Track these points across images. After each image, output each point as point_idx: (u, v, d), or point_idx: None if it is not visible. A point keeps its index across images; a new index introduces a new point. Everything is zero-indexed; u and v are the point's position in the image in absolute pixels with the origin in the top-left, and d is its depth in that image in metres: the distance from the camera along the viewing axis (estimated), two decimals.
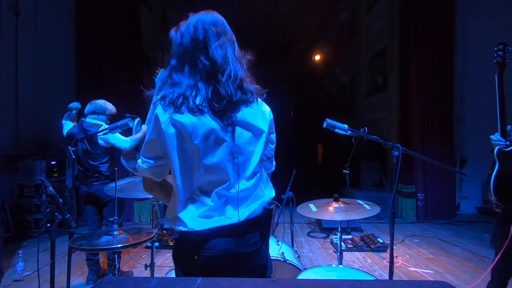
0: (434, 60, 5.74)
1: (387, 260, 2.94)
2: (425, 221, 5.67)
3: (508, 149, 2.07)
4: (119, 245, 1.77)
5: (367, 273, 2.34)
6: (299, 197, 2.99)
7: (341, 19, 9.99)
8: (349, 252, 4.05)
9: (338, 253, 2.48)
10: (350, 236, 4.51)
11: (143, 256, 3.95)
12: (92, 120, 3.07)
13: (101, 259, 3.31)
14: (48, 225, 1.53)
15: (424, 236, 4.84)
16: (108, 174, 3.09)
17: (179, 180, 1.19)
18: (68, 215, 1.51)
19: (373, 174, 6.61)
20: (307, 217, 4.37)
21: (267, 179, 1.34)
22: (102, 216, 3.15)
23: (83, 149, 3.04)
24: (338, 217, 2.26)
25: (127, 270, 3.49)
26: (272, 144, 1.35)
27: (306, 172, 7.48)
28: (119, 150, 2.90)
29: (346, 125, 1.93)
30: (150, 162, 1.23)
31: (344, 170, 3.95)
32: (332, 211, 2.29)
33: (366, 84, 8.92)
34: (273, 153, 1.38)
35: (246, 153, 1.22)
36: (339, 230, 2.44)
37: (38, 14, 5.20)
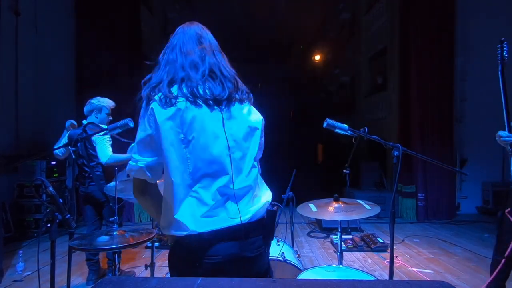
0: (434, 60, 5.74)
1: (387, 260, 2.94)
2: (425, 221, 5.67)
3: None
4: (119, 245, 1.77)
5: (367, 273, 2.34)
6: (299, 197, 2.99)
7: (341, 19, 9.97)
8: (349, 252, 4.06)
9: (338, 253, 2.48)
10: (350, 236, 4.52)
11: (143, 256, 3.96)
12: (91, 120, 3.07)
13: (101, 259, 3.32)
14: (48, 225, 1.53)
15: (424, 236, 4.84)
16: (104, 175, 3.08)
17: (176, 176, 1.12)
18: (68, 215, 1.51)
19: (373, 174, 6.61)
20: (307, 217, 4.37)
21: (261, 180, 1.33)
22: (101, 216, 3.15)
23: (81, 149, 3.04)
24: (338, 217, 2.26)
25: (128, 270, 3.49)
26: (261, 150, 1.34)
27: (306, 172, 7.47)
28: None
29: (346, 125, 1.93)
30: (148, 160, 1.17)
31: (344, 170, 3.95)
32: (332, 211, 2.29)
33: (366, 84, 8.92)
34: (260, 157, 1.39)
35: (243, 149, 1.22)
36: (339, 230, 2.44)
37: (38, 14, 5.20)
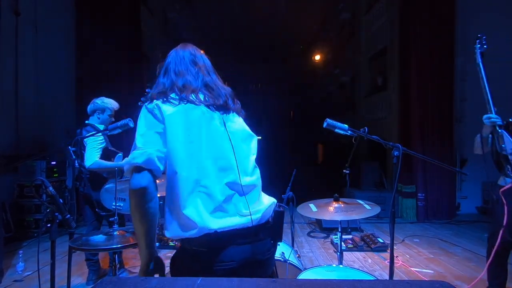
0: (434, 60, 5.73)
1: (387, 260, 2.94)
2: (425, 221, 5.67)
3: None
4: (119, 245, 1.77)
5: (367, 273, 2.34)
6: (299, 197, 2.99)
7: (341, 19, 9.98)
8: (349, 252, 4.05)
9: (338, 253, 2.48)
10: (350, 236, 4.51)
11: None
12: (93, 120, 3.08)
13: (102, 259, 3.31)
14: (49, 225, 1.53)
15: (424, 236, 4.84)
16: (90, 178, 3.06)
17: (182, 170, 1.11)
18: (68, 215, 1.50)
19: (373, 174, 6.61)
20: (307, 217, 4.37)
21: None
22: (100, 217, 3.15)
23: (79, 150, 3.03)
24: (338, 217, 2.26)
25: (135, 270, 3.47)
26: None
27: (306, 172, 7.48)
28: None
29: (346, 125, 1.93)
30: (152, 152, 1.11)
31: (344, 170, 3.94)
32: (332, 211, 2.29)
33: (366, 84, 8.92)
34: None
35: (243, 150, 1.28)
36: (339, 230, 2.43)
37: (38, 14, 5.20)
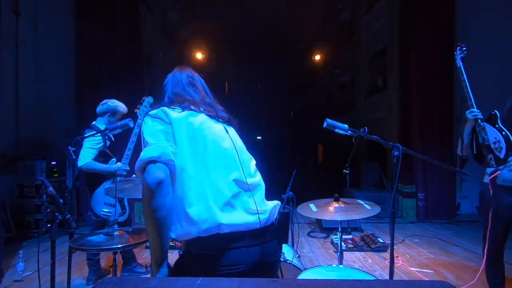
0: (434, 60, 5.73)
1: (388, 260, 2.94)
2: (425, 221, 5.67)
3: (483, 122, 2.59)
4: (119, 245, 1.77)
5: (367, 273, 2.34)
6: (299, 197, 2.99)
7: (341, 19, 9.96)
8: (350, 252, 4.05)
9: (339, 253, 2.48)
10: (350, 236, 4.51)
11: (143, 256, 3.95)
12: (103, 121, 3.07)
13: (106, 259, 3.31)
14: (49, 225, 1.53)
15: (425, 236, 4.84)
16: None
17: (190, 166, 1.17)
18: (69, 215, 1.51)
19: (373, 174, 6.61)
20: (308, 217, 4.36)
21: None
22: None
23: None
24: (339, 217, 2.26)
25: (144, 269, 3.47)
26: None
27: (306, 172, 7.47)
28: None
29: (346, 125, 1.93)
30: (166, 146, 1.13)
31: (344, 170, 3.95)
32: (333, 211, 2.29)
33: (366, 84, 8.92)
34: None
35: (245, 155, 1.35)
36: (340, 230, 2.43)
37: (38, 14, 5.20)
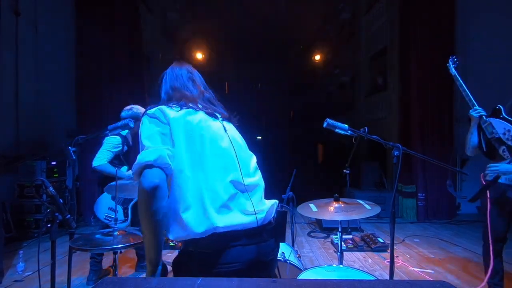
0: (434, 60, 5.72)
1: (388, 259, 2.94)
2: (425, 221, 5.67)
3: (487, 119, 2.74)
4: (119, 245, 1.77)
5: (367, 273, 2.34)
6: (299, 197, 2.99)
7: (341, 19, 9.97)
8: (350, 252, 4.05)
9: (339, 253, 2.48)
10: (350, 236, 4.51)
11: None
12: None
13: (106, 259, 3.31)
14: (49, 225, 1.53)
15: (425, 236, 4.84)
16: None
17: (187, 168, 1.14)
18: (69, 216, 1.50)
19: (373, 174, 6.61)
20: (308, 217, 4.37)
21: None
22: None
23: None
24: (339, 217, 2.26)
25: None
26: None
27: (306, 172, 7.48)
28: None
29: (346, 125, 1.93)
30: (163, 149, 1.10)
31: (345, 170, 3.95)
32: (333, 211, 2.29)
33: (366, 84, 8.92)
34: None
35: (244, 152, 1.32)
36: (340, 230, 2.43)
37: (38, 14, 5.20)
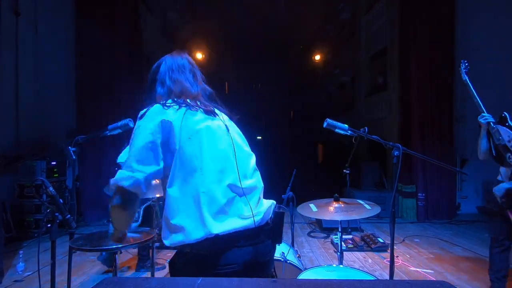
0: (434, 60, 5.73)
1: (388, 259, 2.94)
2: (425, 221, 5.67)
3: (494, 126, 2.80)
4: (119, 245, 1.77)
5: (367, 273, 2.34)
6: (299, 197, 2.99)
7: (341, 19, 9.97)
8: (350, 252, 4.05)
9: (339, 253, 2.48)
10: (350, 236, 4.51)
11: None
12: None
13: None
14: (49, 225, 1.53)
15: (425, 236, 4.84)
16: None
17: (187, 174, 1.13)
18: (69, 216, 1.50)
19: (373, 174, 6.61)
20: (308, 217, 4.37)
21: None
22: None
23: None
24: (339, 217, 2.26)
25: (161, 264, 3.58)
26: None
27: (306, 172, 7.48)
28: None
29: (346, 125, 1.93)
30: (148, 170, 1.13)
31: (345, 170, 3.96)
32: (333, 211, 2.29)
33: (366, 84, 8.92)
34: None
35: (244, 152, 1.29)
36: (340, 230, 2.43)
37: (38, 14, 5.20)
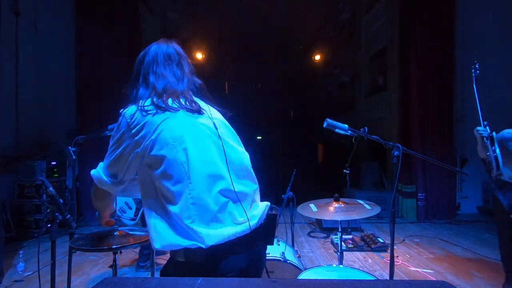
0: (434, 60, 5.73)
1: (388, 259, 2.94)
2: (425, 221, 5.67)
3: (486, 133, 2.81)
4: (119, 245, 1.77)
5: (367, 273, 2.34)
6: (300, 197, 2.99)
7: (341, 19, 9.97)
8: (350, 252, 4.05)
9: (339, 253, 2.48)
10: (350, 236, 4.51)
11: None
12: None
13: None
14: (49, 225, 1.52)
15: (425, 236, 4.84)
16: None
17: (174, 181, 1.06)
18: (69, 216, 1.50)
19: (373, 174, 6.61)
20: (308, 217, 4.37)
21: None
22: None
23: None
24: (339, 217, 2.26)
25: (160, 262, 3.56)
26: None
27: (306, 172, 7.48)
28: None
29: (346, 125, 1.93)
30: (106, 180, 1.24)
31: (345, 170, 3.96)
32: (333, 211, 2.29)
33: (366, 84, 8.91)
34: None
35: (237, 151, 1.20)
36: (340, 230, 2.43)
37: (38, 14, 5.20)
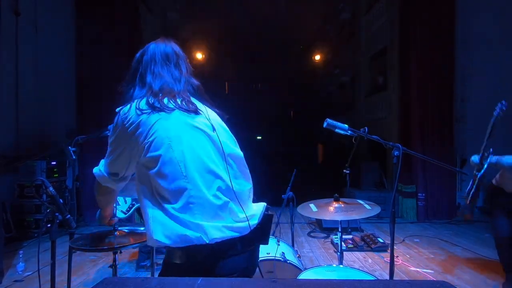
0: (434, 60, 5.73)
1: (388, 259, 2.94)
2: (425, 221, 5.67)
3: (479, 173, 2.75)
4: (119, 245, 1.77)
5: (367, 273, 2.34)
6: (300, 197, 2.99)
7: (341, 19, 9.97)
8: (350, 252, 4.05)
9: (339, 253, 2.48)
10: (350, 236, 4.51)
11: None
12: None
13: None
14: (49, 225, 1.52)
15: (425, 236, 4.84)
16: None
17: (171, 181, 1.06)
18: (69, 216, 1.50)
19: (373, 174, 6.61)
20: (308, 217, 4.37)
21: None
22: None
23: None
24: (339, 217, 2.26)
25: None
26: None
27: (306, 172, 7.48)
28: None
29: (346, 125, 1.93)
30: (108, 178, 1.30)
31: (345, 170, 3.96)
32: (333, 211, 2.29)
33: (366, 84, 8.92)
34: None
35: (233, 150, 1.20)
36: (340, 230, 2.43)
37: (38, 14, 5.20)
